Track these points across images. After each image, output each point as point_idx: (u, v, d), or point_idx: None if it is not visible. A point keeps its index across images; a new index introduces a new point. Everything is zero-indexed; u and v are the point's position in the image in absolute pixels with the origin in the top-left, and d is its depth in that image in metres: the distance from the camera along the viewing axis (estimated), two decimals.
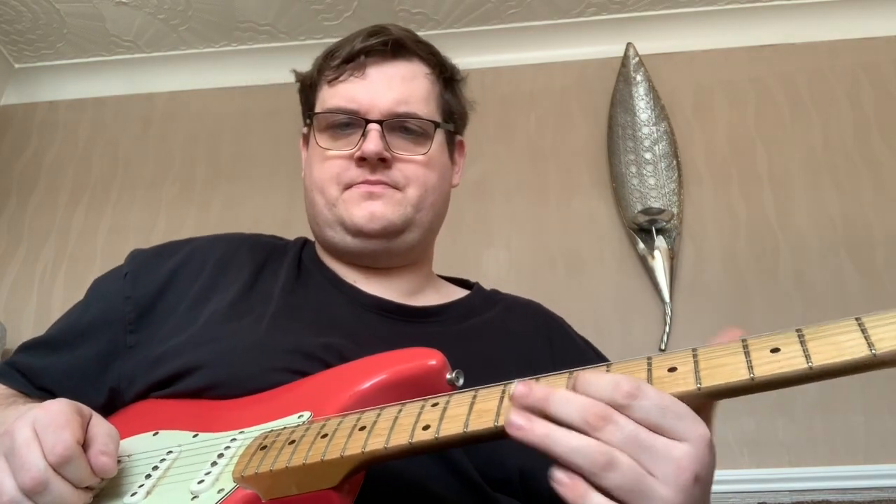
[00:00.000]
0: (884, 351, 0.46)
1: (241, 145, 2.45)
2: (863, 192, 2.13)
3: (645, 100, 2.26)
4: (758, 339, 0.51)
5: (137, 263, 0.91)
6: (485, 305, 0.94)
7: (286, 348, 0.77)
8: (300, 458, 0.60)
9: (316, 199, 0.92)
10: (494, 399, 0.56)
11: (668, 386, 0.51)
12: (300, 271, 0.92)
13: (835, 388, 1.90)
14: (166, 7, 2.36)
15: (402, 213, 0.89)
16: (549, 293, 2.09)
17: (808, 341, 0.49)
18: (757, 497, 1.79)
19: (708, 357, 0.51)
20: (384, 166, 0.88)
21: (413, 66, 0.93)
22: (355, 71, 0.90)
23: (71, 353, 0.86)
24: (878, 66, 2.29)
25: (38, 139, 2.56)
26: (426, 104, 0.92)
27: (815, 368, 0.47)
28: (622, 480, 0.48)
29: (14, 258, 2.37)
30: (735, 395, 0.51)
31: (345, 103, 0.89)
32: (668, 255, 2.05)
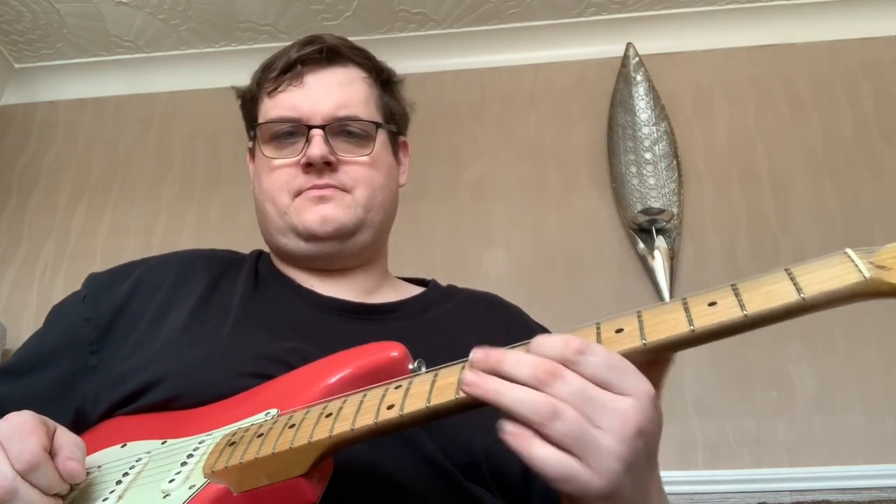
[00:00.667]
0: (812, 294, 0.49)
1: (241, 145, 2.43)
2: (863, 192, 2.13)
3: (645, 100, 2.26)
4: (696, 296, 0.54)
5: (95, 286, 0.92)
6: (441, 299, 0.96)
7: (249, 354, 0.78)
8: (269, 448, 0.61)
9: (267, 208, 0.93)
10: (455, 374, 0.58)
11: (616, 345, 0.54)
12: (257, 281, 0.94)
13: (835, 388, 1.90)
14: (166, 7, 2.36)
15: (353, 215, 0.91)
16: (549, 293, 2.09)
17: (742, 293, 0.52)
18: (757, 497, 1.79)
19: (651, 316, 0.55)
20: (330, 170, 0.90)
21: (349, 71, 0.95)
22: (293, 80, 0.92)
23: (33, 378, 0.86)
24: (878, 66, 2.29)
25: (38, 139, 2.56)
26: (366, 106, 0.94)
27: (749, 316, 0.50)
28: (567, 429, 0.50)
29: (14, 258, 2.37)
30: (679, 347, 0.53)
31: (286, 112, 0.91)
32: (668, 255, 2.05)
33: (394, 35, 2.44)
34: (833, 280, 0.49)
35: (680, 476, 1.83)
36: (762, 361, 1.94)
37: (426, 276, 1.04)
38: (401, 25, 2.43)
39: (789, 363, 1.94)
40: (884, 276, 0.48)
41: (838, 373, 1.91)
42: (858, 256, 0.50)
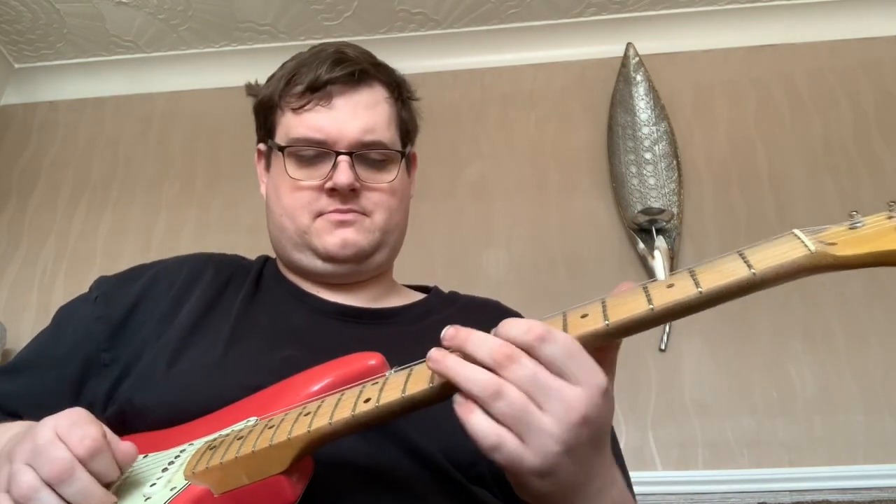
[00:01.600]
0: (762, 270, 0.52)
1: (241, 145, 2.45)
2: (863, 192, 2.13)
3: (645, 100, 2.26)
4: (655, 282, 0.57)
5: (106, 287, 0.93)
6: (443, 305, 0.97)
7: (242, 368, 0.79)
8: (248, 447, 0.62)
9: (285, 224, 0.94)
10: (428, 370, 0.60)
11: (580, 328, 0.57)
12: (259, 287, 0.95)
13: (835, 388, 1.90)
14: (166, 7, 2.36)
15: (372, 239, 0.92)
16: (548, 293, 2.09)
17: (698, 273, 0.55)
18: (757, 497, 1.79)
19: (614, 301, 0.58)
20: (353, 195, 0.91)
21: (374, 92, 0.95)
22: (321, 100, 0.92)
23: (46, 374, 0.86)
24: (878, 66, 2.29)
25: (38, 139, 2.56)
26: (388, 130, 0.94)
27: (704, 293, 0.53)
28: (507, 409, 0.54)
29: (14, 258, 2.37)
30: (641, 328, 0.56)
31: (312, 133, 0.91)
32: (668, 255, 2.05)
33: (394, 35, 2.44)
34: (781, 255, 0.52)
35: (680, 476, 1.83)
36: (762, 361, 1.94)
37: (426, 277, 1.05)
38: (401, 25, 2.43)
39: (789, 363, 1.94)
40: (829, 250, 0.52)
41: (838, 373, 1.91)
42: (806, 235, 0.53)
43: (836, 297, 1.98)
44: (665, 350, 1.98)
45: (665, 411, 1.91)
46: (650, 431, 1.88)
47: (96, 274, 0.96)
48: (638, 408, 1.91)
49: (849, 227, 0.54)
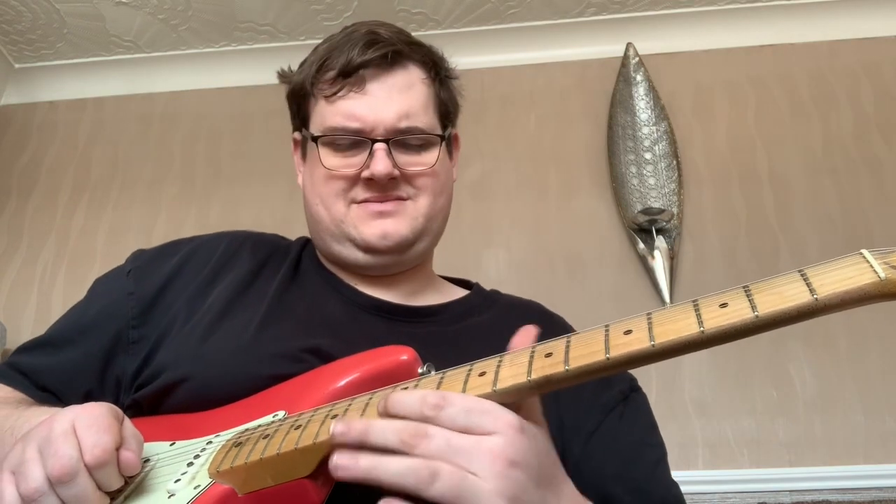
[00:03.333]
0: (825, 295, 0.48)
1: (241, 145, 2.45)
2: (863, 192, 2.13)
3: (645, 100, 2.26)
4: (707, 298, 0.53)
5: (141, 262, 0.92)
6: (483, 305, 0.94)
7: (273, 352, 0.78)
8: (274, 448, 0.61)
9: (321, 213, 0.91)
10: (462, 376, 0.58)
11: (623, 347, 0.53)
12: (297, 271, 0.92)
13: (835, 388, 1.90)
14: (166, 7, 2.36)
15: (414, 226, 0.89)
16: (549, 293, 2.09)
17: (754, 294, 0.51)
18: (757, 497, 1.79)
19: (661, 317, 0.54)
20: (392, 182, 0.87)
21: (410, 73, 0.91)
22: (354, 86, 0.88)
23: (74, 350, 0.86)
24: (878, 66, 2.29)
25: (38, 139, 2.56)
26: (426, 113, 0.90)
27: (761, 317, 0.49)
28: (446, 488, 0.52)
29: (14, 258, 2.37)
30: (690, 349, 0.52)
31: (347, 122, 0.87)
32: (668, 255, 2.05)
33: None
34: (847, 281, 0.48)
35: (680, 476, 1.81)
36: (762, 361, 1.94)
37: None
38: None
39: (789, 363, 1.94)
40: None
41: (838, 373, 1.91)
42: (874, 257, 0.48)
43: None
44: None
45: (665, 411, 1.91)
46: None
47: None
48: None
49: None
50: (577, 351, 0.54)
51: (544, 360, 0.55)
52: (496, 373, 0.56)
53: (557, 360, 0.54)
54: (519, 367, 0.56)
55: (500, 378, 0.56)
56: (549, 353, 0.56)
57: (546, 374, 0.54)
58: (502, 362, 0.57)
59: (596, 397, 0.82)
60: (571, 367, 0.53)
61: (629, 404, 0.85)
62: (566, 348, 0.55)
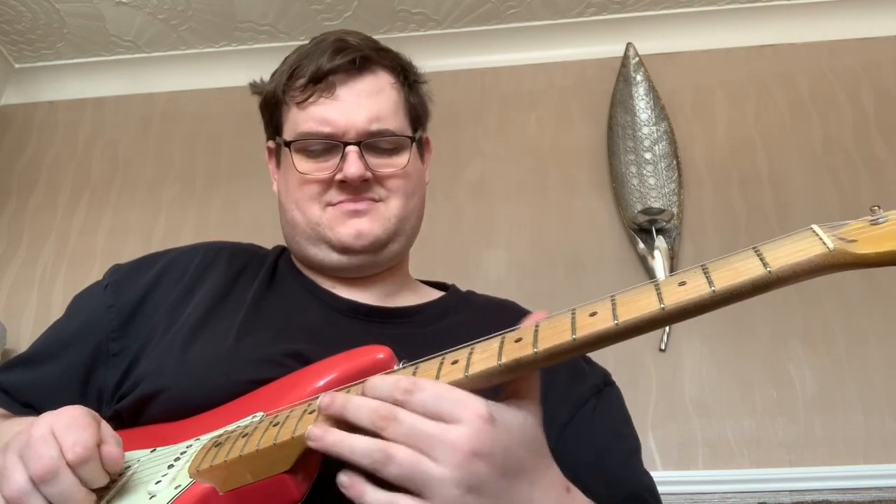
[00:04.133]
0: (778, 268, 0.50)
1: (241, 145, 2.45)
2: (863, 192, 2.13)
3: (645, 100, 2.26)
4: (667, 278, 0.55)
5: (118, 275, 0.93)
6: (459, 306, 0.95)
7: (252, 358, 0.79)
8: (253, 445, 0.62)
9: (297, 218, 0.92)
10: (435, 365, 0.60)
11: (590, 327, 0.55)
12: (274, 278, 0.93)
13: (835, 388, 1.90)
14: (166, 7, 2.36)
15: (387, 227, 0.90)
16: (549, 293, 2.09)
17: (711, 271, 0.53)
18: (757, 497, 1.79)
19: (624, 298, 0.56)
20: (365, 185, 0.89)
21: (379, 78, 0.92)
22: (324, 92, 0.90)
23: (55, 364, 0.87)
24: (878, 66, 2.29)
25: (38, 139, 2.56)
26: (396, 116, 0.92)
27: (717, 291, 0.51)
28: (399, 471, 0.55)
29: (14, 258, 2.37)
30: (652, 326, 0.54)
31: (318, 126, 0.89)
32: (668, 255, 2.05)
33: (394, 35, 2.44)
34: (798, 253, 0.50)
35: (680, 476, 1.83)
36: (762, 361, 1.94)
37: (426, 277, 1.04)
38: (401, 25, 2.43)
39: (789, 363, 1.94)
40: (849, 247, 0.49)
41: (838, 373, 1.91)
42: (824, 231, 0.51)
43: (836, 298, 1.98)
44: (665, 350, 1.98)
45: (665, 411, 1.91)
46: (650, 431, 1.88)
47: (96, 274, 0.96)
48: (638, 408, 1.91)
49: (870, 222, 0.51)
50: (544, 333, 0.56)
51: (514, 344, 0.57)
52: (468, 359, 0.58)
53: (526, 343, 0.56)
54: (489, 353, 0.58)
55: (471, 363, 0.57)
56: (519, 338, 0.58)
57: (515, 357, 0.56)
58: (474, 350, 0.59)
59: (569, 391, 0.84)
60: (540, 350, 0.55)
61: (602, 398, 0.87)
62: (535, 332, 0.57)
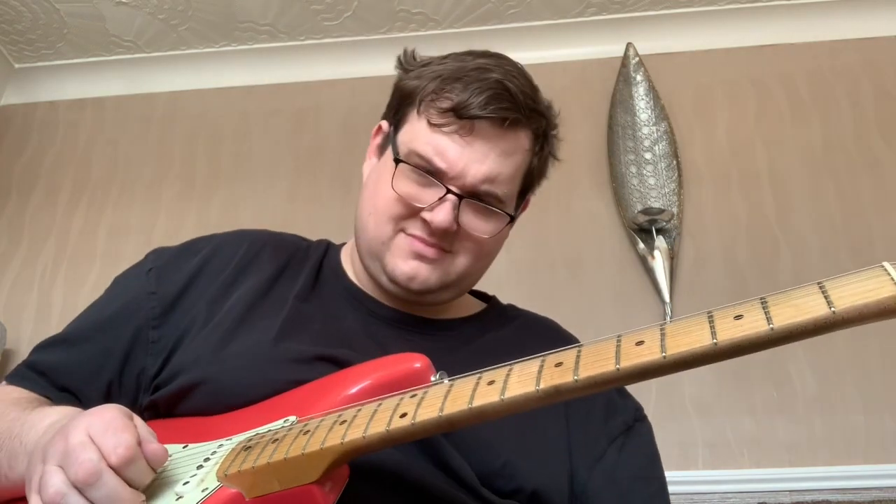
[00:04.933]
0: (843, 309, 0.46)
1: (241, 145, 2.45)
2: (863, 192, 2.13)
3: (645, 100, 2.26)
4: (722, 309, 0.52)
5: (162, 260, 0.91)
6: (500, 321, 0.94)
7: (290, 358, 0.78)
8: (282, 453, 0.61)
9: (369, 224, 0.89)
10: (471, 385, 0.57)
11: (634, 357, 0.52)
12: (318, 279, 0.92)
13: (835, 388, 1.90)
14: (166, 7, 2.36)
15: (445, 280, 0.87)
16: (549, 294, 2.09)
17: (771, 306, 0.49)
18: (757, 497, 1.79)
19: (674, 328, 0.53)
20: (446, 234, 0.86)
21: (518, 141, 0.88)
22: (461, 129, 0.84)
23: (92, 347, 0.85)
24: (878, 66, 2.29)
25: (38, 139, 2.56)
26: (511, 183, 0.88)
27: (776, 330, 0.48)
28: None
29: (14, 258, 2.37)
30: (702, 362, 0.51)
31: (436, 158, 0.84)
32: (668, 255, 2.05)
33: (394, 35, 2.44)
34: (867, 294, 0.46)
35: (680, 476, 1.83)
36: (762, 361, 1.94)
37: None
38: (401, 25, 2.43)
39: (789, 363, 1.94)
40: None
41: (838, 373, 1.91)
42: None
43: None
44: None
45: (665, 411, 1.91)
46: None
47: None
48: None
49: None
50: (587, 360, 0.53)
51: (554, 369, 0.54)
52: (505, 381, 0.55)
53: (567, 370, 0.53)
54: (528, 377, 0.55)
55: (508, 387, 0.55)
56: (560, 362, 0.55)
57: (555, 384, 0.53)
58: (512, 371, 0.57)
59: (602, 425, 0.83)
60: (581, 377, 0.52)
61: (631, 436, 0.85)
62: (577, 358, 0.54)
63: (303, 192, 2.32)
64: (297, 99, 2.46)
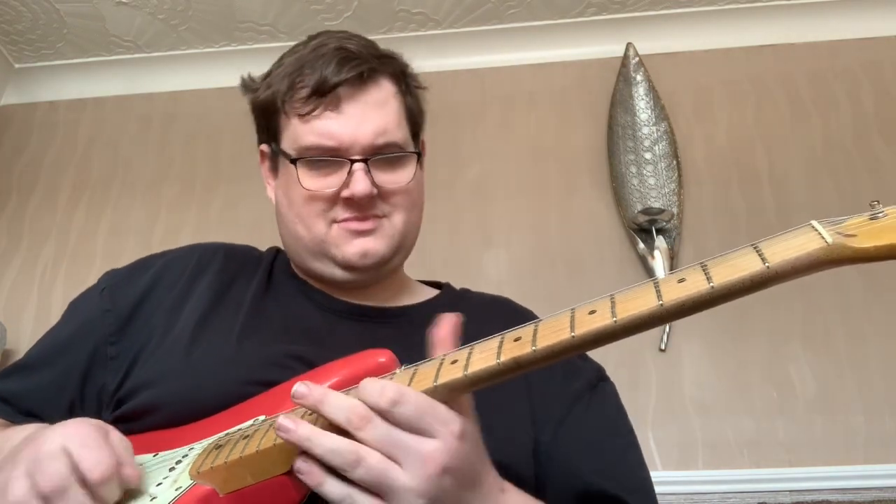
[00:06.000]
0: (777, 263, 0.50)
1: (241, 145, 2.45)
2: (863, 192, 2.13)
3: (645, 100, 2.26)
4: (667, 276, 0.56)
5: (115, 280, 0.92)
6: (454, 304, 0.94)
7: (256, 360, 0.79)
8: (253, 447, 0.62)
9: (300, 232, 0.90)
10: (434, 367, 0.60)
11: (588, 325, 0.55)
12: (270, 282, 0.93)
13: (835, 388, 1.90)
14: (166, 7, 2.36)
15: (391, 244, 0.90)
16: (549, 293, 2.09)
17: (710, 268, 0.53)
18: (757, 497, 1.79)
19: (623, 296, 0.56)
20: (371, 201, 0.88)
21: (382, 89, 0.90)
22: (329, 105, 0.87)
23: (52, 370, 0.86)
24: (878, 66, 2.29)
25: (38, 139, 2.56)
26: (400, 127, 0.90)
27: (716, 287, 0.51)
28: (367, 475, 0.56)
29: (14, 258, 2.37)
30: (649, 325, 0.54)
31: (323, 141, 0.86)
32: (668, 255, 2.05)
33: (394, 35, 2.44)
34: (797, 248, 0.50)
35: (680, 476, 1.83)
36: (762, 361, 1.94)
37: (426, 277, 1.04)
38: (401, 25, 2.43)
39: (789, 363, 1.94)
40: (848, 241, 0.49)
41: (838, 373, 1.91)
42: (823, 226, 0.51)
43: (836, 297, 1.98)
44: (665, 350, 1.98)
45: (665, 411, 1.91)
46: (650, 431, 1.88)
47: (96, 274, 0.96)
48: (638, 408, 1.91)
49: (869, 217, 0.51)
50: (543, 332, 0.56)
51: (513, 343, 0.57)
52: (468, 359, 0.58)
53: (525, 342, 0.56)
54: (489, 352, 0.58)
55: (470, 363, 0.58)
56: (518, 337, 0.58)
57: (514, 356, 0.56)
58: (473, 349, 0.60)
59: (564, 387, 0.84)
60: (539, 348, 0.55)
61: (596, 394, 0.87)
62: (534, 331, 0.57)
63: None
64: None
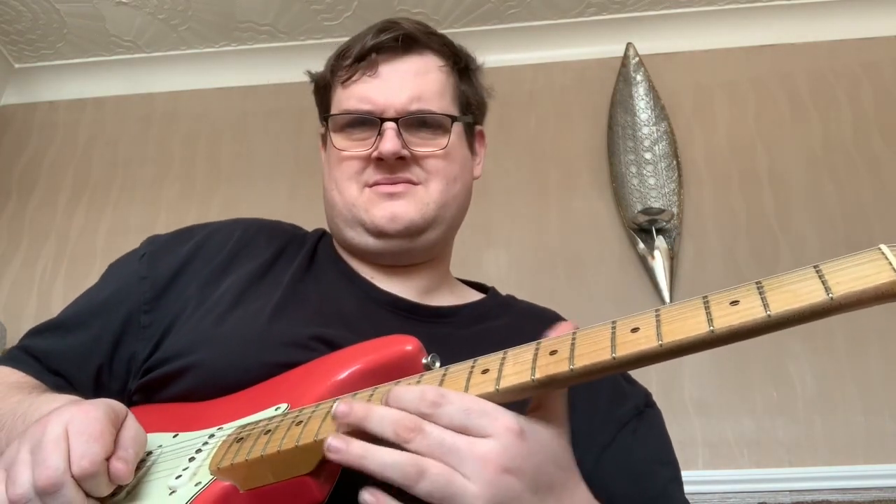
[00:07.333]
0: (841, 294, 0.45)
1: (241, 145, 2.45)
2: (863, 192, 2.13)
3: (645, 100, 2.26)
4: (718, 294, 0.51)
5: (155, 246, 0.92)
6: (498, 310, 0.93)
7: (283, 340, 0.77)
8: (275, 445, 0.60)
9: (335, 199, 0.91)
10: (464, 374, 0.57)
11: (631, 346, 0.51)
12: (313, 262, 0.92)
13: (835, 388, 1.90)
14: (166, 7, 2.36)
15: (425, 212, 0.87)
16: (549, 293, 2.09)
17: (767, 291, 0.48)
18: (757, 497, 1.79)
19: (669, 314, 0.52)
20: (403, 164, 0.87)
21: (425, 59, 0.91)
22: (367, 70, 0.88)
23: (85, 332, 0.85)
24: (878, 66, 2.29)
25: (38, 139, 2.56)
26: (440, 98, 0.90)
27: (773, 316, 0.46)
28: (432, 487, 0.52)
29: (14, 258, 2.37)
30: (698, 349, 0.50)
31: (359, 104, 0.88)
32: (668, 255, 2.05)
33: None
34: (864, 279, 0.45)
35: None
36: (762, 361, 1.94)
37: None
38: None
39: (789, 363, 1.94)
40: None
41: (838, 373, 1.91)
42: (893, 253, 0.45)
43: None
44: None
45: (665, 411, 1.90)
46: None
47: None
48: None
49: None
50: (582, 349, 0.53)
51: (549, 357, 0.54)
52: (499, 370, 0.55)
53: (562, 358, 0.53)
54: (523, 365, 0.54)
55: (503, 376, 0.55)
56: (554, 350, 0.54)
57: (550, 374, 0.53)
58: (506, 359, 0.56)
59: (610, 410, 0.82)
60: (576, 367, 0.52)
61: (643, 420, 0.85)
62: (571, 346, 0.53)
63: (303, 192, 2.32)
64: (297, 99, 2.45)
